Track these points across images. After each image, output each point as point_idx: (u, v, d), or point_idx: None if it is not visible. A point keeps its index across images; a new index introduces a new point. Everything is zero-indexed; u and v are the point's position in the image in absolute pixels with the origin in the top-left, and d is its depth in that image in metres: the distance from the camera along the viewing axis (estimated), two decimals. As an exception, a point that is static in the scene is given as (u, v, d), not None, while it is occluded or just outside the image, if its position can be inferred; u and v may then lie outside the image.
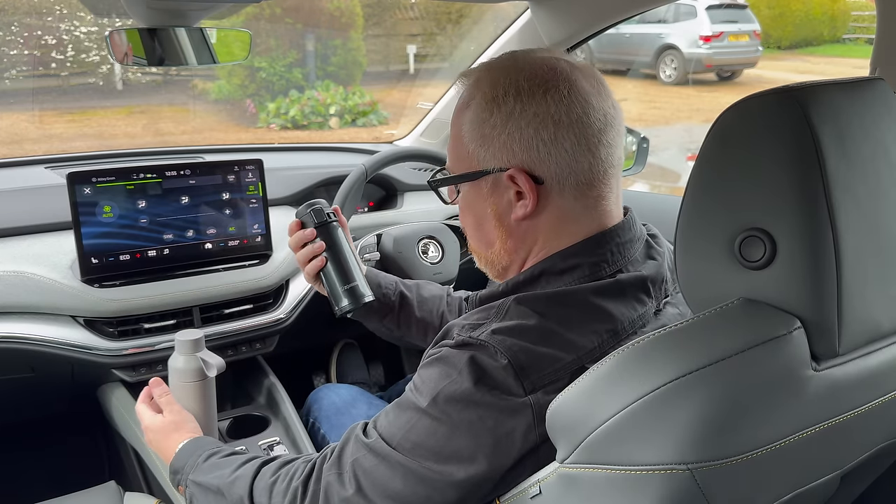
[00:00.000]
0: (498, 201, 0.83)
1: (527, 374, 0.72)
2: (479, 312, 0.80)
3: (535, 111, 0.78)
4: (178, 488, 0.97)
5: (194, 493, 0.93)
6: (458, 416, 0.72)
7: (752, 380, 0.60)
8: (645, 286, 0.80)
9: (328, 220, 1.16)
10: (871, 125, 0.63)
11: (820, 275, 0.59)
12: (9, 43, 7.58)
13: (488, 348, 0.73)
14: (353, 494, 0.77)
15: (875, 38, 1.06)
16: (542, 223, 0.81)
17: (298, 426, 1.38)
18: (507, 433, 0.71)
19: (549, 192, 0.80)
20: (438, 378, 0.75)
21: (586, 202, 0.81)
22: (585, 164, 0.79)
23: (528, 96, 0.78)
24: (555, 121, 0.77)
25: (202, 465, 0.94)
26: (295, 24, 8.36)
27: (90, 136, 6.90)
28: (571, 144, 0.78)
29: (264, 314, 1.50)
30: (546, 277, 0.80)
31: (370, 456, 0.77)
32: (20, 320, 1.30)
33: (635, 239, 0.84)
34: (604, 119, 0.79)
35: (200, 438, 1.03)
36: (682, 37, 9.26)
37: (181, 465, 0.97)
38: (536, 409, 0.71)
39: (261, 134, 7.49)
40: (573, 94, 0.78)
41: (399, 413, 0.78)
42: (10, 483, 1.59)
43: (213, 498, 0.90)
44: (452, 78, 1.90)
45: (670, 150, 6.89)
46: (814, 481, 0.70)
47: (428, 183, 0.92)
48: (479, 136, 0.81)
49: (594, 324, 0.75)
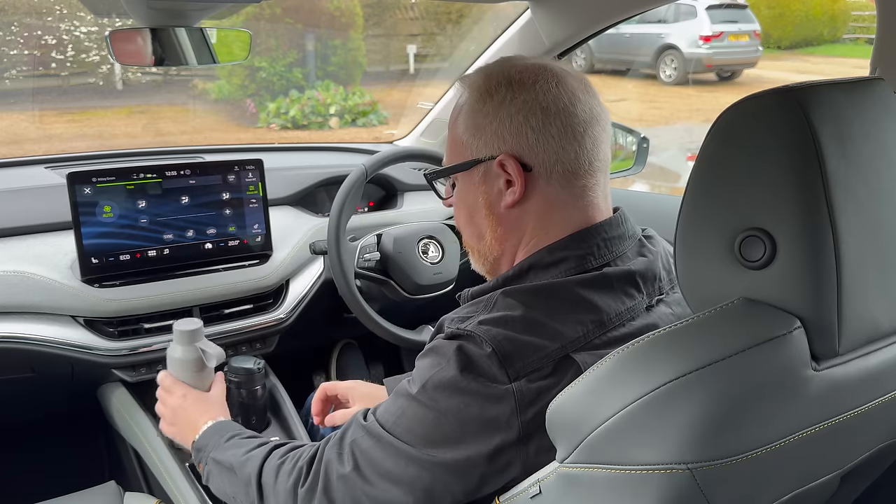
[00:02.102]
0: (489, 190, 0.86)
1: (511, 362, 0.74)
2: (469, 306, 0.83)
3: (525, 98, 0.82)
4: (198, 465, 1.04)
5: (212, 470, 1.00)
6: (446, 402, 0.76)
7: (752, 380, 0.60)
8: (633, 280, 0.82)
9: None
10: (872, 125, 0.63)
11: (820, 275, 0.59)
12: (9, 43, 7.58)
13: (475, 338, 0.76)
14: (351, 472, 0.81)
15: (875, 38, 1.06)
16: (530, 211, 0.84)
17: (298, 426, 1.38)
18: (491, 419, 0.74)
19: (537, 179, 0.83)
20: (429, 367, 0.78)
21: (572, 191, 0.84)
22: (572, 153, 0.82)
23: (519, 86, 0.83)
24: (543, 108, 0.82)
25: (223, 444, 1.01)
26: (295, 24, 8.35)
27: (90, 136, 6.89)
28: (558, 132, 0.82)
29: (264, 314, 1.50)
30: (534, 271, 0.83)
31: (367, 437, 0.81)
32: (20, 320, 1.30)
33: (625, 236, 0.85)
34: (590, 112, 0.84)
35: (226, 422, 1.10)
36: (682, 37, 9.25)
37: (205, 443, 1.04)
38: (518, 396, 0.73)
39: (261, 134, 7.48)
40: (561, 86, 0.83)
41: (394, 400, 0.81)
42: (10, 483, 1.59)
43: (227, 475, 0.97)
44: (452, 78, 1.90)
45: (670, 150, 6.89)
46: (814, 481, 0.70)
47: (424, 176, 0.96)
48: (473, 125, 0.85)
49: (579, 314, 0.77)
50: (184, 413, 1.12)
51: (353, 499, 0.81)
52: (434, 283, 1.52)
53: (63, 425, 1.71)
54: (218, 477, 0.99)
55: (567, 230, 0.83)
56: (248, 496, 0.92)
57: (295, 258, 1.55)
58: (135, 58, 1.31)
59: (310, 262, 1.59)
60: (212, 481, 1.01)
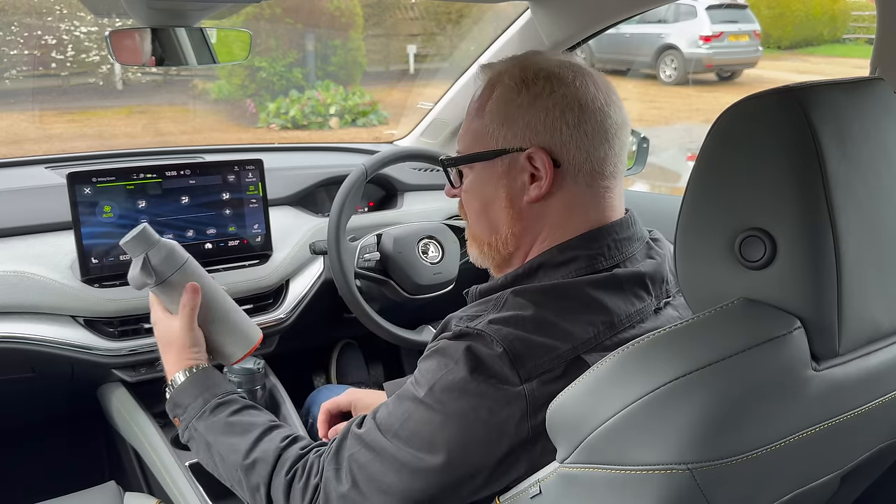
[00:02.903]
0: (512, 183, 0.84)
1: (522, 363, 0.73)
2: (478, 305, 0.82)
3: (564, 93, 0.81)
4: (174, 420, 0.97)
5: (197, 442, 0.93)
6: (454, 405, 0.74)
7: (752, 380, 0.60)
8: (643, 282, 0.81)
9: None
10: (871, 125, 0.63)
11: (820, 275, 0.59)
12: (9, 43, 7.58)
13: (485, 337, 0.74)
14: (349, 490, 0.78)
15: (875, 38, 1.06)
16: (551, 208, 0.83)
17: (298, 426, 1.38)
18: (501, 423, 0.72)
19: (564, 176, 0.82)
20: (436, 369, 0.76)
21: (595, 191, 0.83)
22: (602, 153, 0.82)
23: (558, 80, 0.81)
24: (581, 105, 0.80)
25: (208, 415, 0.93)
26: (295, 24, 8.35)
27: (90, 136, 6.89)
28: (593, 131, 0.81)
29: (264, 314, 1.50)
30: (544, 270, 0.82)
31: (365, 451, 0.79)
32: (20, 320, 1.30)
33: (635, 238, 0.85)
34: (621, 116, 0.83)
35: (202, 374, 0.97)
36: (682, 37, 9.25)
37: (182, 402, 0.96)
38: (530, 399, 0.72)
39: (261, 134, 7.48)
40: (597, 86, 0.82)
41: (398, 404, 0.79)
42: (10, 483, 1.59)
43: (218, 460, 0.91)
44: (452, 78, 1.90)
45: (670, 150, 6.88)
46: (814, 481, 0.70)
47: (441, 162, 0.91)
48: (503, 114, 0.83)
49: (590, 315, 0.76)
50: (160, 346, 1.02)
51: None
52: (434, 283, 1.52)
53: (63, 425, 1.71)
54: (205, 453, 0.93)
55: (581, 229, 0.82)
56: (254, 500, 0.88)
57: (295, 258, 1.56)
58: (135, 58, 1.30)
59: (310, 262, 1.59)
60: (195, 449, 0.95)
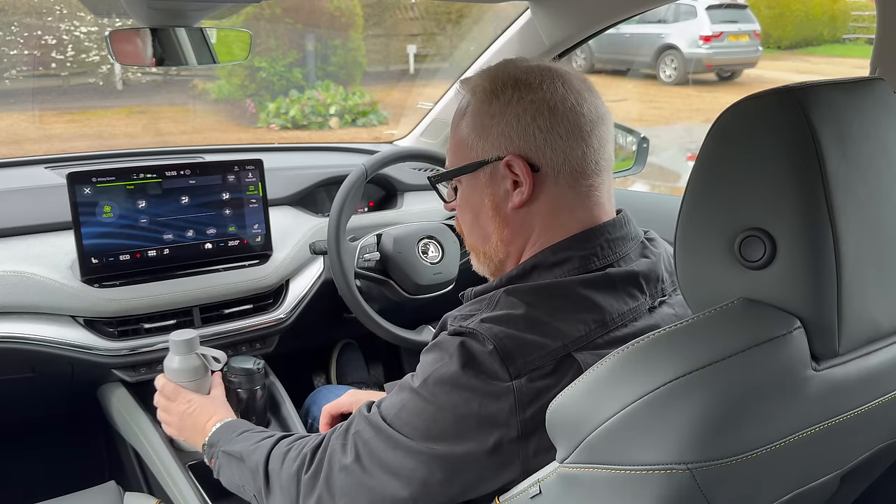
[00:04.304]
0: (495, 191, 0.86)
1: (512, 360, 0.74)
2: (472, 304, 0.84)
3: (532, 98, 0.82)
4: (210, 461, 1.06)
5: (222, 463, 1.03)
6: (445, 397, 0.76)
7: (752, 380, 0.60)
8: (636, 281, 0.82)
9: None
10: (871, 125, 0.63)
11: (820, 275, 0.59)
12: (9, 43, 7.58)
13: (477, 335, 0.76)
14: (352, 462, 0.82)
15: (875, 38, 1.06)
16: (537, 211, 0.84)
17: (298, 426, 1.38)
18: (490, 415, 0.74)
19: (545, 179, 0.83)
20: (431, 362, 0.79)
21: (579, 191, 0.84)
22: (579, 153, 0.82)
23: (525, 86, 0.83)
24: (550, 108, 0.82)
25: (234, 438, 1.04)
26: (295, 24, 8.35)
27: (90, 136, 6.89)
28: (566, 131, 0.82)
29: (264, 314, 1.50)
30: (538, 271, 0.83)
31: (369, 428, 0.82)
32: (20, 320, 1.30)
33: (628, 237, 0.86)
34: (596, 112, 0.84)
35: (237, 420, 1.13)
36: (682, 37, 9.25)
37: (216, 440, 1.07)
38: (518, 395, 0.74)
39: (261, 134, 7.49)
40: (566, 86, 0.83)
41: (397, 393, 0.82)
42: (10, 483, 1.59)
43: (237, 464, 0.99)
44: (452, 78, 1.90)
45: (670, 150, 6.88)
46: (814, 481, 0.70)
47: (428, 179, 0.95)
48: (479, 126, 0.85)
49: (582, 314, 0.77)
50: (191, 419, 1.14)
51: (352, 489, 0.82)
52: (434, 283, 1.53)
53: (63, 425, 1.71)
54: (227, 468, 1.01)
55: (572, 230, 0.83)
56: (256, 483, 0.94)
57: (295, 258, 1.56)
58: (135, 58, 1.30)
59: (310, 262, 1.59)
60: (222, 473, 1.03)
